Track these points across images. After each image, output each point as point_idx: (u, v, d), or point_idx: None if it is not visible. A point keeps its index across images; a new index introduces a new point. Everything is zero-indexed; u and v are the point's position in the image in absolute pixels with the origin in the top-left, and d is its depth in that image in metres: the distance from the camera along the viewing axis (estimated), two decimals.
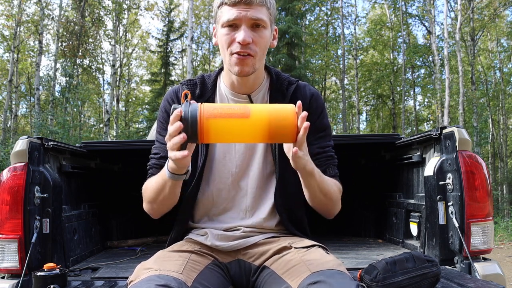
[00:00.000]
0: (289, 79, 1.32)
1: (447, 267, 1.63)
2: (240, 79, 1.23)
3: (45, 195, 1.62)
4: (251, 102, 1.27)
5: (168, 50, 18.48)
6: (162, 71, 18.18)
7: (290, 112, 0.98)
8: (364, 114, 23.88)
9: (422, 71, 19.51)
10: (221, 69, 1.33)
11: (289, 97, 1.28)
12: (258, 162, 1.27)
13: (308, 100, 1.30)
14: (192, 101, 0.98)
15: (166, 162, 1.09)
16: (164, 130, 1.28)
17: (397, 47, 18.84)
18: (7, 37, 15.41)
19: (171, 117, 0.96)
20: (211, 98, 1.28)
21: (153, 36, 24.48)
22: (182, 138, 0.95)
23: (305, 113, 0.98)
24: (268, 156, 1.28)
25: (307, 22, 18.36)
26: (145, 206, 1.27)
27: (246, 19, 1.13)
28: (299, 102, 1.00)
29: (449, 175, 1.65)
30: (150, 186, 1.21)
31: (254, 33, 1.15)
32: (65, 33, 15.78)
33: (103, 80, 21.24)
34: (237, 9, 1.13)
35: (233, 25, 1.15)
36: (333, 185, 1.24)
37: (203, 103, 0.98)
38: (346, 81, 20.68)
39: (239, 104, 1.01)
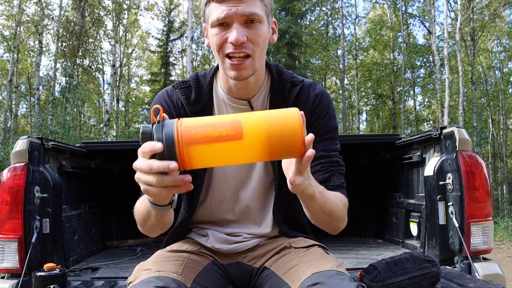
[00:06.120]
0: (292, 79, 1.16)
1: (447, 267, 1.63)
2: (238, 84, 1.09)
3: (45, 195, 1.62)
4: (252, 108, 1.13)
5: (168, 50, 18.45)
6: (162, 71, 18.16)
7: (294, 120, 0.77)
8: (364, 114, 23.89)
9: (422, 71, 19.51)
10: (217, 67, 1.17)
11: (292, 101, 1.13)
12: (258, 172, 1.18)
13: (311, 104, 1.15)
14: (165, 120, 0.77)
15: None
16: None
17: (397, 47, 18.82)
18: (7, 37, 15.40)
19: (142, 147, 0.76)
20: (208, 103, 1.15)
21: (153, 36, 24.54)
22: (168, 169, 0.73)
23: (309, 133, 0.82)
24: (268, 166, 1.18)
25: (307, 22, 18.34)
26: (139, 228, 1.09)
27: (238, 15, 0.98)
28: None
29: (449, 175, 1.65)
30: (137, 210, 1.05)
31: (248, 30, 1.00)
32: (65, 33, 15.77)
33: (103, 80, 21.24)
34: (227, 5, 0.98)
35: (223, 24, 1.00)
36: (337, 202, 1.06)
37: (180, 120, 0.76)
38: (346, 81, 20.66)
39: (228, 118, 0.77)
